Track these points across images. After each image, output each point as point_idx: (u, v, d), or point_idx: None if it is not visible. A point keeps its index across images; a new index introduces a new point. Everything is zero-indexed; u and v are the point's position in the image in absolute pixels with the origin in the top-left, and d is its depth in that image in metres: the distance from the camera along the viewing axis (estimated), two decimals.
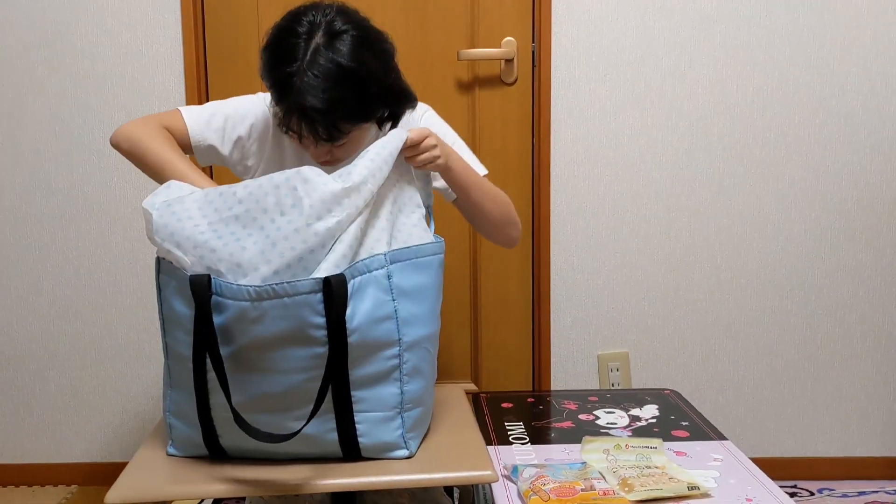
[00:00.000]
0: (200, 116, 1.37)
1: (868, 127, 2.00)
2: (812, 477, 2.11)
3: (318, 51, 1.20)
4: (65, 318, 2.08)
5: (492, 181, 2.10)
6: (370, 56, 1.25)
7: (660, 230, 2.05)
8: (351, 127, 1.26)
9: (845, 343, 2.08)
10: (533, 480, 1.29)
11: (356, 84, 1.22)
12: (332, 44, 1.21)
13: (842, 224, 2.04)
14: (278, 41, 1.25)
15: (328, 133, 1.23)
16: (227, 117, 1.38)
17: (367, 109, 1.26)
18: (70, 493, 2.08)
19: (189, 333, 1.12)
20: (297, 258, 1.09)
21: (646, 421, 1.66)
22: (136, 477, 1.17)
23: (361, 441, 1.17)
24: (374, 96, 1.25)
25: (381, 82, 1.26)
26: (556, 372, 2.09)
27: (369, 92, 1.24)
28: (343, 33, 1.22)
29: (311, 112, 1.20)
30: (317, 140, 1.25)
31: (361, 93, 1.23)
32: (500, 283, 2.08)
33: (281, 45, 1.24)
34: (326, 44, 1.21)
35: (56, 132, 2.01)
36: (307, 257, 1.10)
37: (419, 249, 1.21)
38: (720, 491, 1.31)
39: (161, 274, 1.17)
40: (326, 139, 1.25)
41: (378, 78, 1.25)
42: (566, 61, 1.99)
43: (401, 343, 1.17)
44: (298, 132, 1.25)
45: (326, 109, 1.20)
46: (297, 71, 1.19)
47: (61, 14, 1.97)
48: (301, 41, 1.21)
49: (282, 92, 1.22)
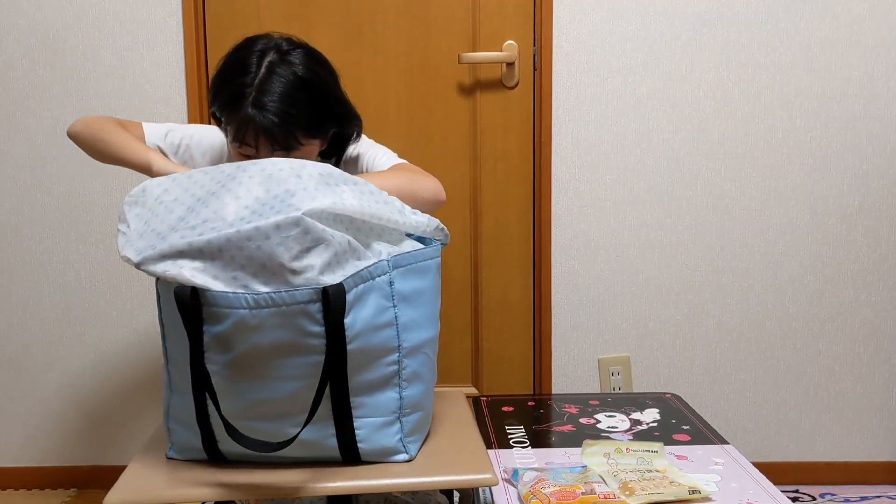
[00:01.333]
0: (158, 129, 1.43)
1: (869, 131, 2.00)
2: (814, 482, 2.10)
3: (272, 64, 1.29)
4: (65, 321, 2.08)
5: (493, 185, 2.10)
6: (322, 70, 1.34)
7: (661, 234, 2.05)
8: (305, 138, 1.31)
9: (847, 347, 2.07)
10: (533, 484, 1.29)
11: (311, 93, 1.30)
12: (285, 59, 1.30)
13: (843, 228, 2.04)
14: (231, 62, 1.32)
15: (284, 139, 1.28)
16: (183, 136, 1.45)
17: (321, 120, 1.33)
18: (69, 497, 2.07)
19: (186, 340, 1.12)
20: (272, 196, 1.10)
21: (647, 425, 1.65)
22: (135, 480, 1.16)
23: (361, 446, 1.17)
24: (327, 107, 1.33)
25: (333, 94, 1.35)
26: (556, 376, 2.09)
27: (323, 102, 1.32)
28: (294, 49, 1.32)
29: (268, 117, 1.26)
30: (273, 148, 1.28)
31: (316, 102, 1.31)
32: (501, 286, 2.08)
33: (234, 65, 1.32)
34: (279, 59, 1.29)
35: (57, 135, 2.02)
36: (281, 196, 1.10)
37: (418, 254, 1.20)
38: (721, 495, 1.31)
39: (160, 280, 1.17)
40: (283, 147, 1.29)
41: (331, 90, 1.35)
42: (567, 65, 1.99)
43: (400, 349, 1.17)
44: (255, 143, 1.29)
45: (283, 112, 1.27)
46: (252, 82, 1.27)
47: (62, 17, 1.98)
48: (254, 58, 1.29)
49: (236, 104, 1.28)
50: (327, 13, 1.98)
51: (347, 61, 2.00)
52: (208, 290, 1.07)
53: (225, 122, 1.34)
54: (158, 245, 1.09)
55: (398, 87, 2.01)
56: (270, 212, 1.07)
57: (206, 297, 1.08)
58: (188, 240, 1.08)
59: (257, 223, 1.06)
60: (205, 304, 1.08)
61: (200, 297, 1.08)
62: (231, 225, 1.07)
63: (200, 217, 1.10)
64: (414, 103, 2.01)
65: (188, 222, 1.10)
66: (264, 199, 1.09)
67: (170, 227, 1.11)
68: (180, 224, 1.11)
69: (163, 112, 1.99)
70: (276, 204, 1.07)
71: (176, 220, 1.12)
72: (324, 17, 1.99)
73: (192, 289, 1.07)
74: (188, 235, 1.08)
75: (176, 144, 1.44)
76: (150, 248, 1.10)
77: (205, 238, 1.07)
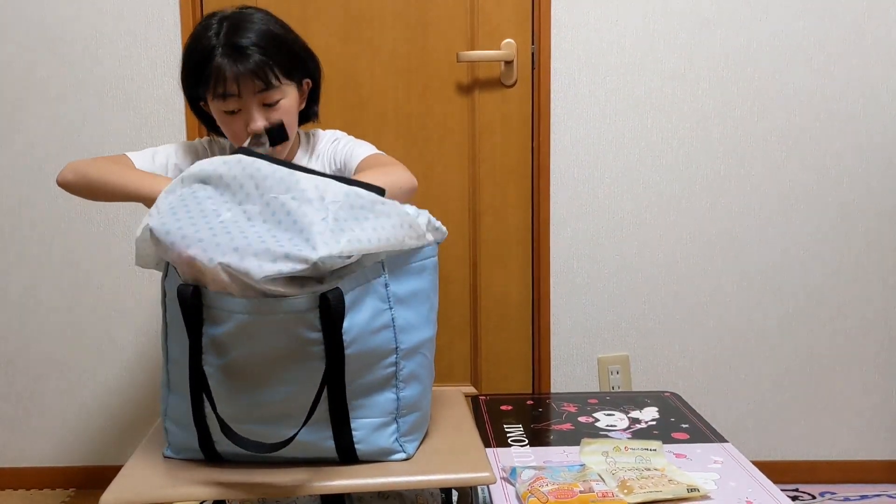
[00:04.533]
0: (144, 155, 1.43)
1: (869, 130, 2.00)
2: (814, 480, 2.10)
3: (231, 22, 1.33)
4: (63, 321, 2.08)
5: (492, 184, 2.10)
6: (278, 20, 1.40)
7: (660, 233, 2.04)
8: (283, 77, 1.35)
9: (847, 346, 2.07)
10: (531, 482, 1.29)
11: (274, 36, 1.35)
12: (241, 16, 1.35)
13: (843, 227, 2.03)
14: (192, 38, 1.37)
15: (264, 74, 1.31)
16: (168, 154, 1.45)
17: (292, 60, 1.38)
18: (68, 497, 2.07)
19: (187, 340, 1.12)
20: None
21: (645, 423, 1.65)
22: (131, 479, 1.16)
23: (358, 447, 1.17)
24: (294, 48, 1.40)
25: (293, 38, 1.41)
26: (555, 375, 2.09)
27: (289, 44, 1.38)
28: (247, 8, 1.38)
29: (242, 54, 1.30)
30: (256, 90, 1.32)
31: (282, 44, 1.36)
32: (500, 285, 2.08)
33: (195, 37, 1.35)
34: (236, 18, 1.34)
35: (55, 135, 2.01)
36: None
37: (413, 254, 1.19)
38: (720, 494, 1.30)
39: (167, 278, 1.17)
40: (264, 82, 1.32)
41: (291, 35, 1.41)
42: (566, 63, 1.98)
43: (398, 351, 1.17)
44: (237, 89, 1.31)
45: (255, 47, 1.31)
46: (216, 37, 1.31)
47: (61, 17, 1.97)
48: (213, 22, 1.34)
49: (206, 62, 1.31)
50: (325, 12, 1.98)
51: (345, 60, 1.99)
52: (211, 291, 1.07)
53: (202, 88, 1.35)
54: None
55: (396, 86, 2.00)
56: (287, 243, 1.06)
57: (207, 296, 1.07)
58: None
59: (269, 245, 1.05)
60: (206, 304, 1.08)
61: (203, 296, 1.07)
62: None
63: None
64: (412, 102, 2.01)
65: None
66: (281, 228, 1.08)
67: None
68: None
69: (161, 112, 1.99)
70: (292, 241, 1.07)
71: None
72: (322, 16, 1.98)
73: (195, 287, 1.07)
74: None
75: (164, 164, 1.43)
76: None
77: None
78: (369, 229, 1.09)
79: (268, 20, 1.37)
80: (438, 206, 2.03)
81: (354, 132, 1.58)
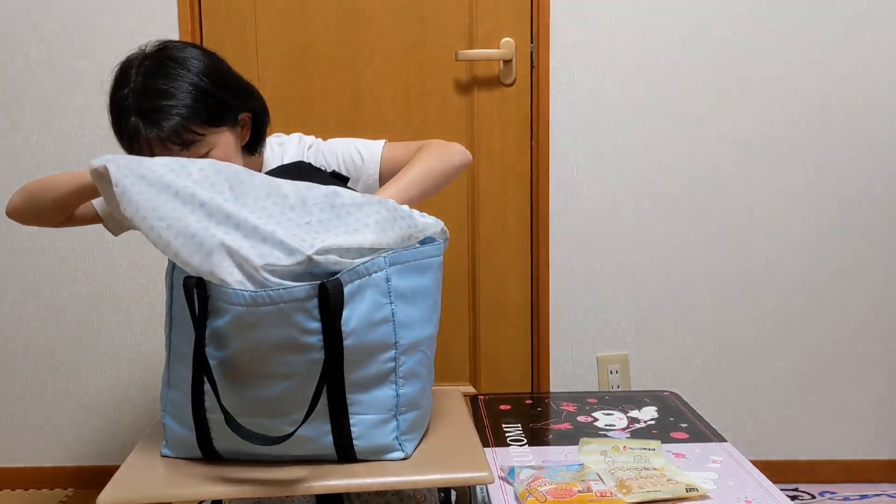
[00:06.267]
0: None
1: (869, 127, 2.00)
2: (813, 480, 2.10)
3: (146, 69, 1.25)
4: (61, 320, 2.08)
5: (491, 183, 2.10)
6: (198, 55, 1.29)
7: (659, 231, 2.04)
8: (203, 128, 1.26)
9: (846, 345, 2.07)
10: (530, 482, 1.29)
11: (192, 81, 1.25)
12: (156, 59, 1.26)
13: (843, 224, 2.03)
14: (110, 91, 1.30)
15: (179, 137, 1.23)
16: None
17: (216, 105, 1.27)
18: (67, 497, 2.07)
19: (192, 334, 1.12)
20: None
21: (644, 423, 1.65)
22: (129, 478, 1.16)
23: (356, 444, 1.16)
24: (216, 94, 1.27)
25: (218, 75, 1.29)
26: (554, 374, 2.08)
27: (211, 85, 1.26)
28: (163, 48, 1.29)
29: (152, 118, 1.22)
30: (169, 149, 1.24)
31: (201, 88, 1.25)
32: (499, 284, 2.07)
33: (112, 92, 1.29)
34: (152, 73, 1.25)
35: (53, 133, 2.01)
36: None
37: (418, 251, 1.19)
38: (719, 493, 1.30)
39: (175, 271, 1.17)
40: (182, 145, 1.24)
41: (215, 71, 1.29)
42: (565, 62, 1.98)
43: (397, 346, 1.16)
44: (154, 153, 1.24)
45: (166, 109, 1.22)
46: (130, 100, 1.24)
47: (58, 15, 1.97)
48: (129, 81, 1.26)
49: (122, 120, 1.25)
50: (323, 12, 1.98)
51: (343, 59, 1.99)
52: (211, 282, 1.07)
53: (127, 147, 1.29)
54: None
55: (395, 85, 2.00)
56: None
57: (210, 288, 1.08)
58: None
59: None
60: (210, 295, 1.08)
61: (207, 288, 1.08)
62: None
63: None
64: (411, 101, 2.00)
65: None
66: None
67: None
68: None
69: None
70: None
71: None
72: (320, 15, 1.98)
73: (199, 278, 1.07)
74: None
75: None
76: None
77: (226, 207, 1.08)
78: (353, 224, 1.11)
79: (189, 65, 1.26)
80: (437, 205, 2.02)
81: (352, 131, 1.58)
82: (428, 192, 1.35)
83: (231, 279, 1.06)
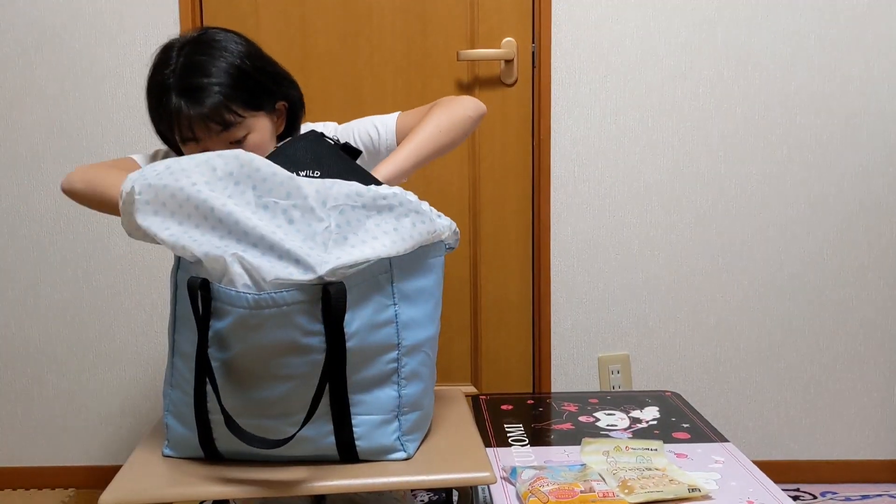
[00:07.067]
0: (147, 155, 1.40)
1: (870, 128, 2.00)
2: (815, 480, 2.09)
3: (187, 52, 1.26)
4: (62, 320, 2.08)
5: (492, 183, 2.09)
6: (238, 41, 1.30)
7: (661, 232, 2.04)
8: (244, 110, 1.27)
9: (848, 345, 2.07)
10: (532, 482, 1.28)
11: (233, 63, 1.26)
12: (198, 42, 1.27)
13: (844, 226, 2.03)
14: (150, 75, 1.30)
15: (221, 116, 1.24)
16: (168, 150, 1.41)
17: (255, 87, 1.29)
18: (68, 497, 2.07)
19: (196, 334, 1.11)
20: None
21: (646, 423, 1.65)
22: (131, 478, 1.15)
23: (359, 444, 1.16)
24: (257, 73, 1.29)
25: (258, 60, 1.31)
26: (556, 374, 2.08)
27: (251, 69, 1.28)
28: (205, 32, 1.30)
29: (196, 97, 1.22)
30: (214, 131, 1.24)
31: (242, 71, 1.27)
32: (500, 284, 2.07)
33: (154, 70, 1.29)
34: (193, 46, 1.27)
35: (54, 133, 2.01)
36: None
37: (421, 252, 1.19)
38: (721, 493, 1.30)
39: (179, 271, 1.17)
40: (222, 125, 1.25)
41: (254, 56, 1.30)
42: (566, 62, 1.98)
43: (400, 347, 1.16)
44: (193, 133, 1.25)
45: (209, 88, 1.23)
46: (172, 73, 1.24)
47: (59, 16, 1.97)
48: (170, 63, 1.26)
49: (164, 101, 1.25)
50: (325, 12, 1.98)
51: (345, 59, 1.99)
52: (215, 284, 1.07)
53: (165, 128, 1.29)
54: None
55: (396, 84, 2.00)
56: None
57: (213, 290, 1.07)
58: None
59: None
60: (212, 297, 1.08)
61: (210, 289, 1.07)
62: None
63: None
64: (412, 101, 2.00)
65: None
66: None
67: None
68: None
69: None
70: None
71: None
72: (321, 15, 1.98)
73: (203, 279, 1.07)
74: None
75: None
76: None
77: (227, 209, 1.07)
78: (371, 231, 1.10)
79: (230, 48, 1.28)
80: (438, 205, 2.00)
81: None
82: (441, 149, 1.35)
83: (239, 283, 1.06)
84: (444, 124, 1.35)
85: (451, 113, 1.36)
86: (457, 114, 1.37)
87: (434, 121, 1.34)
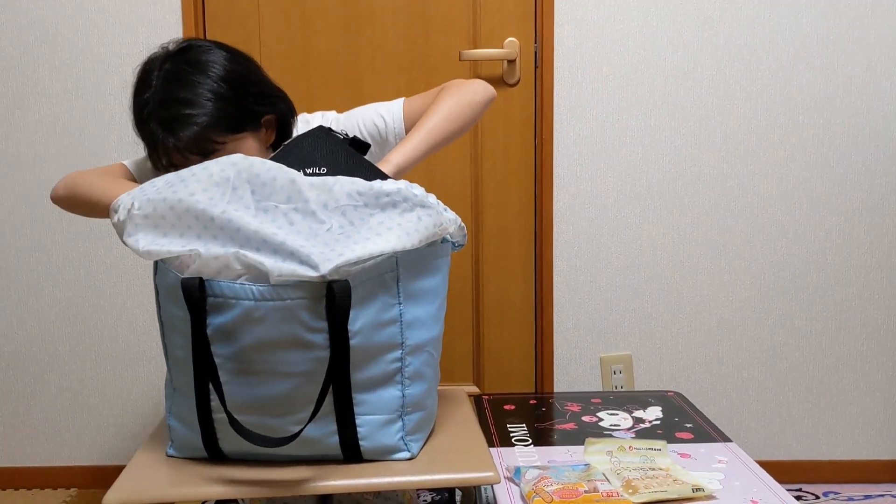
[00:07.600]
0: (137, 162, 1.38)
1: (872, 127, 1.99)
2: (817, 480, 2.09)
3: (167, 72, 1.22)
4: (64, 320, 2.08)
5: (494, 183, 2.09)
6: (221, 57, 1.25)
7: (663, 231, 2.04)
8: (224, 135, 1.23)
9: (850, 345, 2.07)
10: (535, 482, 1.28)
11: (213, 86, 1.21)
12: (182, 71, 1.22)
13: (846, 225, 2.03)
14: (132, 92, 1.26)
15: (199, 146, 1.21)
16: None
17: (237, 110, 1.24)
18: (70, 497, 2.07)
19: (186, 337, 1.11)
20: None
21: (649, 423, 1.65)
22: (134, 478, 1.15)
23: (362, 444, 1.16)
24: (239, 99, 1.24)
25: (243, 85, 1.26)
26: (558, 374, 2.08)
27: (232, 96, 1.23)
28: (188, 55, 1.24)
29: (172, 128, 1.19)
30: (188, 159, 1.21)
31: (223, 98, 1.22)
32: (503, 284, 2.07)
33: (134, 93, 1.25)
34: (174, 75, 1.22)
35: (56, 133, 2.01)
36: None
37: (428, 252, 1.19)
38: (725, 493, 1.30)
39: (157, 275, 1.16)
40: (201, 153, 1.21)
41: (238, 74, 1.25)
42: (569, 62, 1.98)
43: (404, 347, 1.16)
44: (168, 161, 1.22)
45: (186, 118, 1.19)
46: (151, 105, 1.21)
47: (62, 15, 1.97)
48: (151, 82, 1.22)
49: (143, 126, 1.22)
50: (326, 11, 1.98)
51: (346, 59, 1.99)
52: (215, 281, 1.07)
53: (149, 150, 1.26)
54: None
55: (398, 85, 2.00)
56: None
57: (213, 287, 1.07)
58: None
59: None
60: (210, 294, 1.07)
61: (207, 288, 1.07)
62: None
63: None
64: None
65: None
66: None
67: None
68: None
69: None
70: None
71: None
72: (323, 15, 1.98)
73: (200, 279, 1.07)
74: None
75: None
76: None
77: (226, 216, 1.07)
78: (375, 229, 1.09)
79: (211, 71, 1.22)
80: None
81: None
82: (452, 136, 1.33)
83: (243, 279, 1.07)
84: (454, 110, 1.32)
85: (461, 98, 1.34)
86: (466, 98, 1.34)
87: (444, 107, 1.32)
